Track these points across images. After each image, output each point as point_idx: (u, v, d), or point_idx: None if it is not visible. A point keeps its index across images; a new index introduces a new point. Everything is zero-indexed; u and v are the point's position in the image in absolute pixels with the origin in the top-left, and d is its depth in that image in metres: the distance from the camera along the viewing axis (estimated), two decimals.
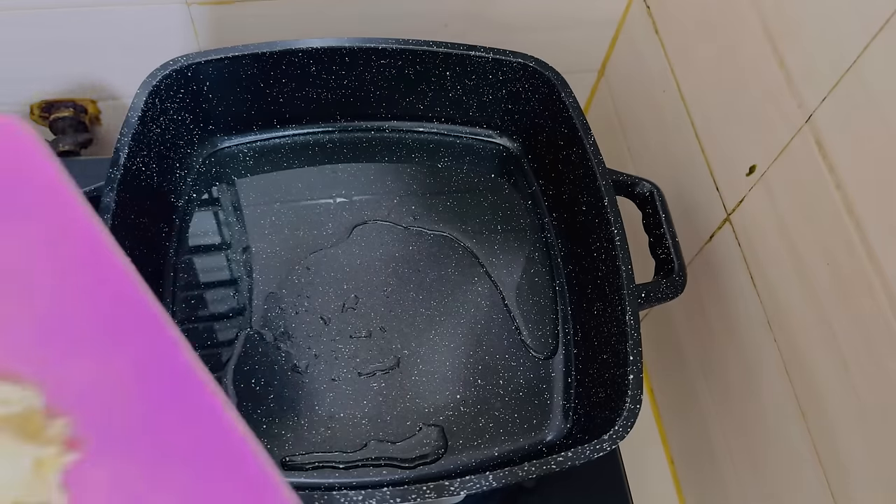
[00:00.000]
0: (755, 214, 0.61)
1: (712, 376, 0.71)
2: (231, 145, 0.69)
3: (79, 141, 0.81)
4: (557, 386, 0.60)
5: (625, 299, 0.55)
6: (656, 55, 0.74)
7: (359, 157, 0.70)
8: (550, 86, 0.65)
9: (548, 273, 0.65)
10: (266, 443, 0.55)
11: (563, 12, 0.80)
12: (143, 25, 0.73)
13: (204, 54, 0.62)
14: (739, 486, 0.67)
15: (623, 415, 0.50)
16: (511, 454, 0.57)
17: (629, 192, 0.64)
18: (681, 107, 0.71)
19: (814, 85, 0.52)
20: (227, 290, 0.61)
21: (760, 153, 0.59)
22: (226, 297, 0.61)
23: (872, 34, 0.46)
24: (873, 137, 0.47)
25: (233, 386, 0.57)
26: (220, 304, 0.60)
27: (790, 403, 0.58)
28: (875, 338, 0.48)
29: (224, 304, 0.60)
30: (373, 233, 0.66)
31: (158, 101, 0.60)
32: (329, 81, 0.66)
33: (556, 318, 0.63)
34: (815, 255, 0.54)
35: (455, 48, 0.65)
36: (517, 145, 0.72)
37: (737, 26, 0.61)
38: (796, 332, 0.57)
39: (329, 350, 0.59)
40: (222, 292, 0.61)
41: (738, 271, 0.64)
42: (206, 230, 0.64)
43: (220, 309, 0.60)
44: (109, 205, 0.53)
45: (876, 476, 0.49)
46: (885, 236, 0.47)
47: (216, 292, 0.61)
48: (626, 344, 0.53)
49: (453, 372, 0.59)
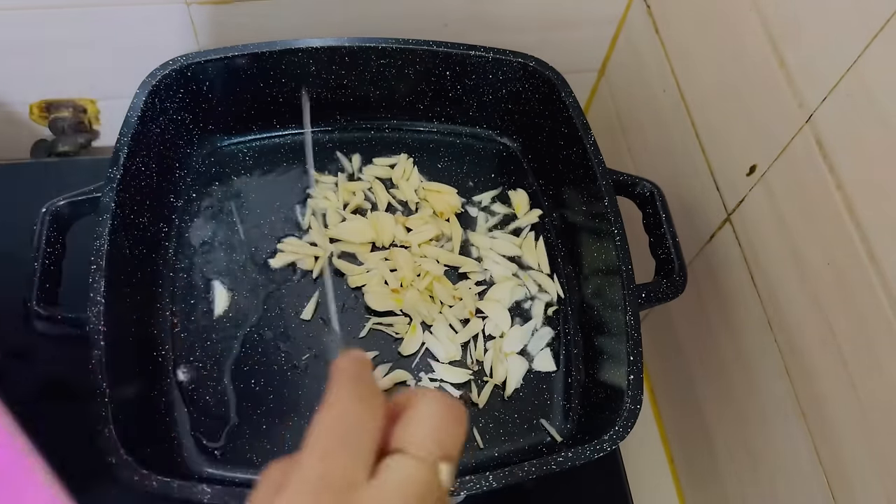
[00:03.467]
0: (755, 214, 0.61)
1: (712, 376, 0.71)
2: (231, 145, 0.69)
3: (79, 141, 0.81)
4: (557, 386, 0.60)
5: (625, 299, 0.55)
6: (656, 55, 0.74)
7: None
8: (550, 86, 0.65)
9: (547, 273, 0.65)
10: (266, 443, 0.55)
11: (564, 12, 0.80)
12: (143, 25, 0.73)
13: (204, 54, 0.62)
14: (739, 485, 0.67)
15: (623, 415, 0.50)
16: (511, 454, 0.57)
17: (629, 192, 0.64)
18: (681, 107, 0.71)
19: (814, 85, 0.52)
20: (226, 289, 0.61)
21: (761, 153, 0.59)
22: (225, 296, 0.61)
23: (872, 34, 0.46)
24: (873, 137, 0.47)
25: (232, 386, 0.57)
26: (220, 303, 0.60)
27: (790, 403, 0.58)
28: (875, 338, 0.48)
29: (224, 304, 0.60)
30: None
31: (158, 101, 0.60)
32: (329, 81, 0.66)
33: (556, 318, 0.63)
34: (815, 255, 0.53)
35: (455, 48, 0.65)
36: (517, 145, 0.72)
37: (737, 26, 0.61)
38: (796, 332, 0.57)
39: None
40: (222, 292, 0.61)
41: (739, 271, 0.64)
42: (205, 230, 0.64)
43: (220, 309, 0.60)
44: (109, 205, 0.53)
45: (876, 476, 0.49)
46: (885, 236, 0.47)
47: (216, 292, 0.61)
48: (626, 344, 0.53)
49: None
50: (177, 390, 0.56)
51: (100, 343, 0.48)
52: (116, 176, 0.54)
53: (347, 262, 0.63)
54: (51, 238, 0.55)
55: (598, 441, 0.49)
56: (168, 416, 0.55)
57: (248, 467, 0.54)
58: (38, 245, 0.54)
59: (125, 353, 0.52)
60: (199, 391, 0.56)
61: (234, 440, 0.55)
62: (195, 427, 0.55)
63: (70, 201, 0.56)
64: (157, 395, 0.56)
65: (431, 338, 0.60)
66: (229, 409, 0.56)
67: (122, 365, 0.51)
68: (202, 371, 0.57)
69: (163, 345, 0.58)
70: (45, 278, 0.53)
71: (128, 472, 0.44)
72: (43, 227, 0.55)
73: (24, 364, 0.62)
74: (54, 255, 0.55)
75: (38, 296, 0.52)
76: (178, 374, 0.57)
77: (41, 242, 0.54)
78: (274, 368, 0.58)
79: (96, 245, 0.51)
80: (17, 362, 0.62)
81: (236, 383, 0.57)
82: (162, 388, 0.56)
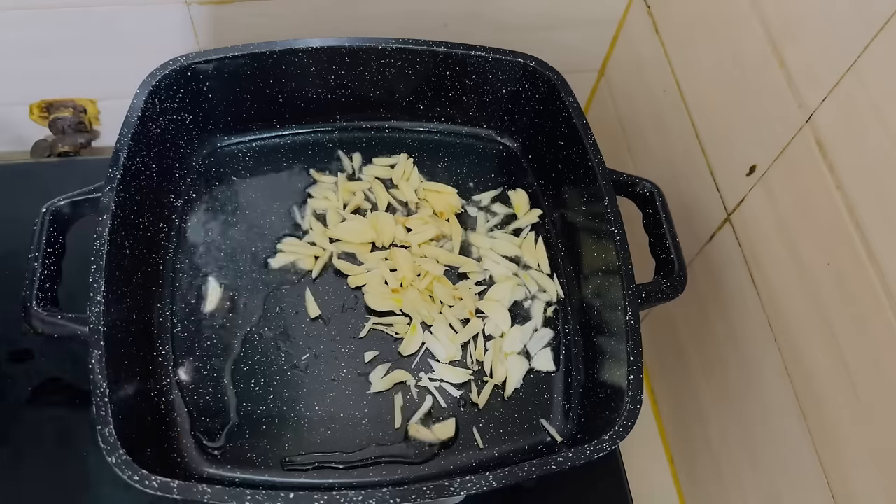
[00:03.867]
0: (755, 214, 0.61)
1: (712, 376, 0.71)
2: (231, 145, 0.69)
3: (79, 141, 0.81)
4: (557, 386, 0.60)
5: (625, 299, 0.55)
6: (656, 55, 0.74)
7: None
8: (550, 86, 0.65)
9: (548, 273, 0.65)
10: (266, 443, 0.55)
11: (564, 12, 0.80)
12: (143, 25, 0.73)
13: (204, 54, 0.62)
14: (739, 485, 0.67)
15: (623, 415, 0.50)
16: (511, 454, 0.57)
17: (629, 192, 0.64)
18: (681, 107, 0.71)
19: (814, 85, 0.52)
20: (226, 289, 0.61)
21: (760, 153, 0.59)
22: (225, 296, 0.61)
23: (872, 34, 0.46)
24: (873, 137, 0.47)
25: (233, 386, 0.57)
26: (220, 303, 0.60)
27: (790, 403, 0.58)
28: (875, 338, 0.48)
29: (224, 304, 0.60)
30: None
31: (158, 101, 0.60)
32: (329, 81, 0.66)
33: (556, 318, 0.63)
34: (815, 255, 0.54)
35: (455, 48, 0.65)
36: (517, 145, 0.72)
37: (737, 26, 0.61)
38: (796, 332, 0.57)
39: (329, 350, 0.59)
40: (222, 292, 0.61)
41: (739, 271, 0.64)
42: (205, 230, 0.64)
43: (220, 309, 0.60)
44: (109, 205, 0.53)
45: (876, 476, 0.49)
46: (885, 236, 0.47)
47: (216, 292, 0.61)
48: (626, 344, 0.53)
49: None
50: (177, 390, 0.56)
51: (100, 343, 0.48)
52: (116, 176, 0.54)
53: (347, 262, 0.63)
54: (51, 238, 0.55)
55: (598, 441, 0.49)
56: (168, 416, 0.55)
57: (248, 467, 0.54)
58: (38, 245, 0.54)
59: (125, 353, 0.52)
60: (199, 391, 0.56)
61: (234, 440, 0.55)
62: (195, 427, 0.55)
63: (70, 201, 0.56)
64: (157, 395, 0.56)
65: (431, 338, 0.60)
66: (229, 409, 0.56)
67: (122, 365, 0.51)
68: (202, 371, 0.57)
69: (163, 345, 0.58)
70: (45, 278, 0.54)
71: (128, 472, 0.44)
72: (43, 227, 0.55)
73: (24, 364, 0.62)
74: (54, 255, 0.55)
75: (38, 296, 0.52)
76: (178, 374, 0.57)
77: (41, 242, 0.54)
78: (274, 368, 0.58)
79: (96, 245, 0.51)
80: (17, 362, 0.62)
81: (236, 383, 0.57)
82: (162, 388, 0.56)
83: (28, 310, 0.52)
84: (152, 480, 0.44)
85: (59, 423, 0.60)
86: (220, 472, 0.54)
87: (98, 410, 0.46)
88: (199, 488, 0.44)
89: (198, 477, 0.53)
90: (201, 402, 0.56)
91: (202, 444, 0.54)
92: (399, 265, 0.62)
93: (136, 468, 0.44)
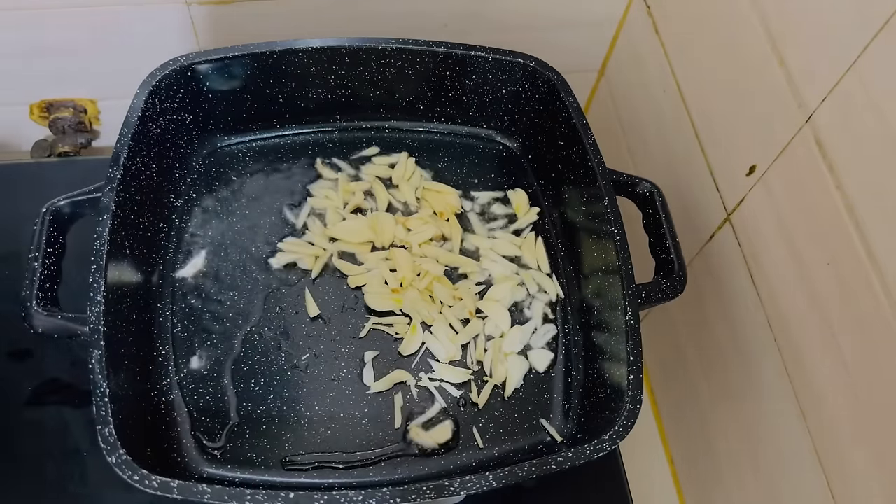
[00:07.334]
0: (755, 214, 0.61)
1: (712, 376, 0.71)
2: (231, 145, 0.69)
3: (79, 141, 0.81)
4: (557, 386, 0.60)
5: (625, 299, 0.55)
6: (656, 55, 0.74)
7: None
8: (550, 86, 0.65)
9: (547, 273, 0.65)
10: (266, 442, 0.55)
11: (564, 12, 0.80)
12: (143, 25, 0.73)
13: (204, 54, 0.62)
14: (739, 486, 0.67)
15: (623, 415, 0.50)
16: (511, 454, 0.57)
17: (629, 192, 0.64)
18: (681, 107, 0.71)
19: (814, 85, 0.52)
20: (226, 289, 0.61)
21: (760, 153, 0.59)
22: (225, 296, 0.61)
23: (872, 34, 0.46)
24: (873, 137, 0.47)
25: (233, 386, 0.57)
26: (220, 303, 0.60)
27: (790, 403, 0.58)
28: (875, 338, 0.48)
29: (224, 304, 0.60)
30: None
31: (158, 101, 0.60)
32: (329, 81, 0.66)
33: (556, 318, 0.63)
34: (815, 255, 0.54)
35: (455, 48, 0.65)
36: (517, 145, 0.72)
37: (737, 26, 0.61)
38: (796, 331, 0.57)
39: (329, 350, 0.59)
40: (222, 292, 0.61)
41: (738, 271, 0.64)
42: (205, 230, 0.64)
43: (220, 309, 0.60)
44: (109, 205, 0.53)
45: (876, 476, 0.49)
46: (885, 236, 0.47)
47: (216, 292, 0.61)
48: (626, 344, 0.53)
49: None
50: (177, 390, 0.56)
51: (100, 343, 0.48)
52: (116, 176, 0.54)
53: (347, 262, 0.63)
54: (51, 238, 0.55)
55: (598, 441, 0.49)
56: (168, 415, 0.55)
57: (248, 467, 0.54)
58: (38, 245, 0.54)
59: (125, 353, 0.52)
60: (199, 391, 0.56)
61: (234, 440, 0.55)
62: (195, 427, 0.55)
63: (70, 201, 0.56)
64: (157, 395, 0.56)
65: (431, 338, 0.60)
66: (229, 409, 0.56)
67: (122, 365, 0.51)
68: (202, 371, 0.57)
69: (163, 345, 0.58)
70: (45, 278, 0.54)
71: (128, 472, 0.44)
72: (43, 227, 0.55)
73: (24, 364, 0.62)
74: (54, 255, 0.55)
75: (38, 296, 0.52)
76: (178, 374, 0.57)
77: (41, 242, 0.54)
78: (274, 368, 0.58)
79: (96, 245, 0.51)
80: (17, 362, 0.62)
81: (236, 383, 0.57)
82: (162, 388, 0.56)
83: (28, 310, 0.52)
84: (152, 480, 0.44)
85: (59, 423, 0.60)
86: (220, 471, 0.54)
87: (98, 410, 0.46)
88: (199, 488, 0.44)
89: (198, 477, 0.53)
90: (201, 402, 0.56)
91: (202, 444, 0.54)
92: (399, 265, 0.62)
93: (136, 468, 0.44)
